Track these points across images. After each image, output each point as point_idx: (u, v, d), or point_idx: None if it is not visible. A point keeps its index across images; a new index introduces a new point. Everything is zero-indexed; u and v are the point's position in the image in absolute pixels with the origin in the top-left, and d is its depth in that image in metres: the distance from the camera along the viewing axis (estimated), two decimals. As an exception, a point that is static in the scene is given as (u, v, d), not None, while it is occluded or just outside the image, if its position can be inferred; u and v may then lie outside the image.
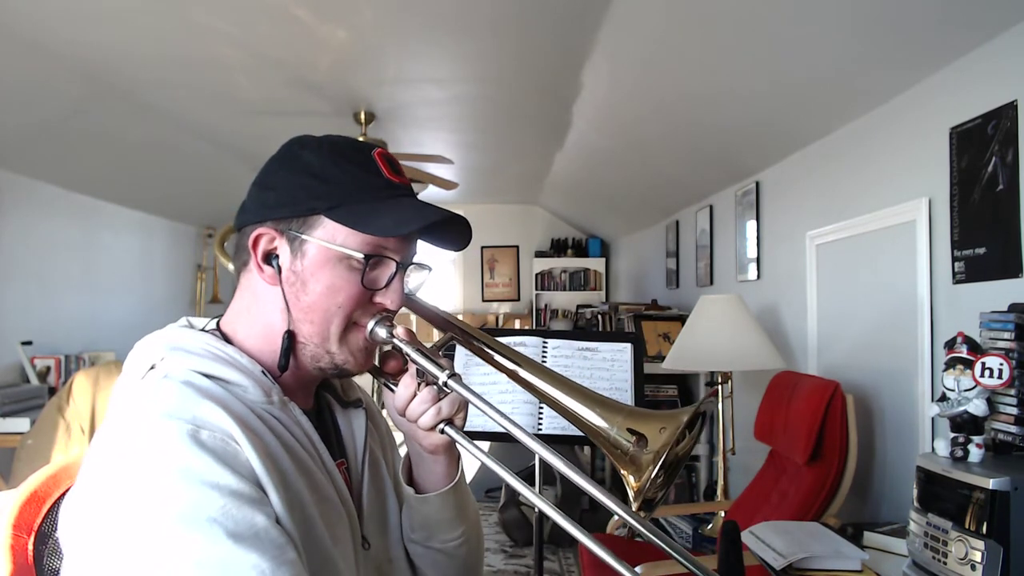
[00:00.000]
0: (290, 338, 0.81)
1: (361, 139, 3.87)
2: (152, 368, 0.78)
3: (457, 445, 0.89)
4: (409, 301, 0.88)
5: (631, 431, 0.79)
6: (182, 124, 4.05)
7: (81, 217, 4.67)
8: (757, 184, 3.53)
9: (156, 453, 0.66)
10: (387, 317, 0.84)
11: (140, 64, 3.07)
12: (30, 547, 0.78)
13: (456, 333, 0.92)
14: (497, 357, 0.89)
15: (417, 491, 0.92)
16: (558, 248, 7.58)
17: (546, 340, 2.25)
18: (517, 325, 7.49)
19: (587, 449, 4.52)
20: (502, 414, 0.79)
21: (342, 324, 0.81)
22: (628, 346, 2.17)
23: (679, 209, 4.91)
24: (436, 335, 0.97)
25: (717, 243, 4.18)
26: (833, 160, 2.79)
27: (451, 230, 0.86)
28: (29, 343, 4.01)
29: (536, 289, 7.48)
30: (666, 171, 4.30)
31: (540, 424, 2.44)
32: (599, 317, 5.62)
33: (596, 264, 7.52)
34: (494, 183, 6.51)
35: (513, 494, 3.94)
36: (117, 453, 0.68)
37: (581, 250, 7.58)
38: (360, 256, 0.79)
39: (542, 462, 0.81)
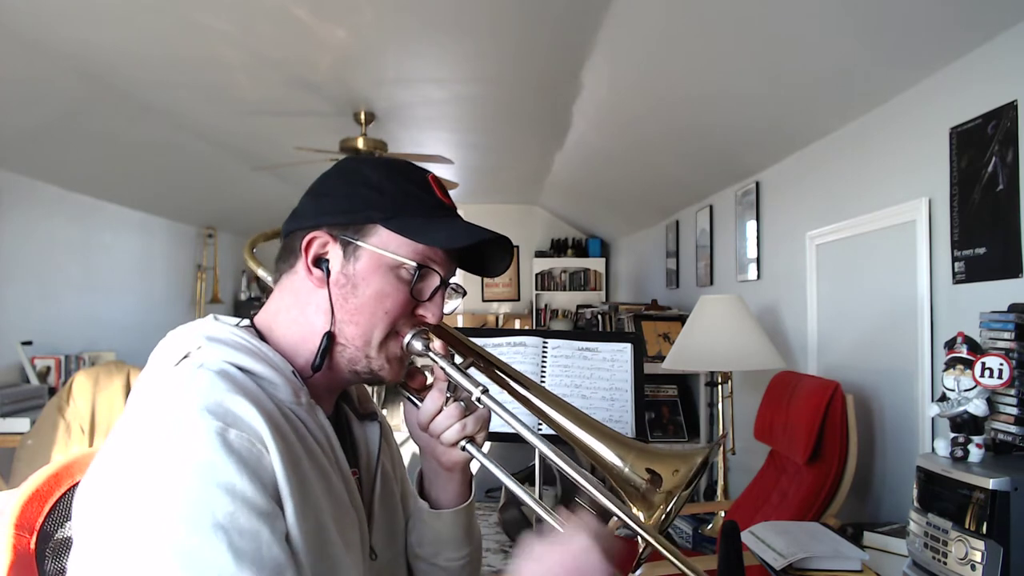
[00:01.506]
0: (329, 339, 0.82)
1: (361, 139, 3.82)
2: (186, 356, 0.78)
3: (471, 466, 0.93)
4: (438, 329, 0.92)
5: (648, 470, 0.83)
6: (182, 124, 4.05)
7: (81, 217, 4.67)
8: (757, 184, 3.53)
9: (182, 447, 0.67)
10: (424, 331, 0.87)
11: (140, 64, 3.07)
12: (32, 546, 0.77)
13: (478, 360, 0.95)
14: (515, 386, 0.93)
15: (431, 507, 0.95)
16: (558, 248, 7.58)
17: (546, 340, 2.24)
18: (517, 325, 7.49)
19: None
20: (531, 430, 0.82)
21: (385, 330, 0.83)
22: (628, 346, 2.17)
23: (679, 209, 4.91)
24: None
25: (717, 243, 4.18)
26: (833, 160, 2.79)
27: (491, 256, 0.91)
28: (29, 343, 4.01)
29: (536, 289, 7.49)
30: (666, 171, 4.30)
31: (540, 425, 2.44)
32: (599, 317, 5.62)
33: (596, 264, 7.52)
34: (494, 183, 6.51)
35: (514, 494, 3.94)
36: (146, 439, 0.68)
37: (581, 250, 7.58)
38: (412, 264, 0.82)
39: (542, 463, 0.83)
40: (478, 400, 0.85)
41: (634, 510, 0.82)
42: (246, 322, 0.87)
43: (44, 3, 2.45)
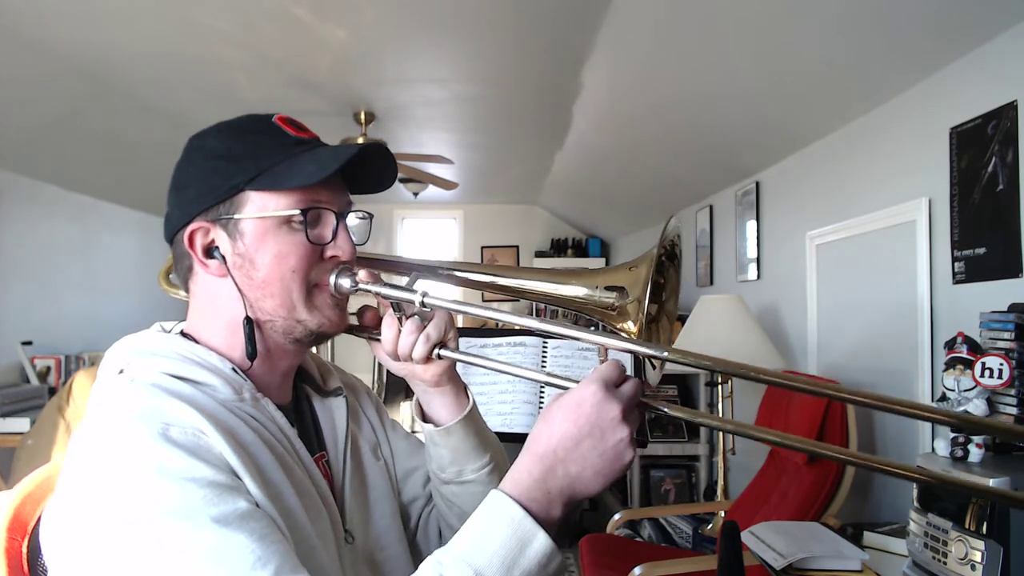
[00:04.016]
0: (250, 324, 0.80)
1: (361, 139, 3.81)
2: (121, 372, 0.78)
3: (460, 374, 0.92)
4: (363, 260, 0.88)
5: (609, 288, 0.82)
6: (182, 124, 4.03)
7: (81, 217, 4.67)
8: (757, 184, 3.53)
9: (129, 456, 0.66)
10: (346, 267, 0.83)
11: (140, 64, 3.07)
12: (24, 550, 0.77)
13: (419, 270, 0.92)
14: (471, 276, 0.90)
15: (435, 427, 0.92)
16: (558, 248, 7.58)
17: (546, 340, 2.25)
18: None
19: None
20: (488, 308, 0.84)
21: (303, 288, 0.80)
22: (628, 346, 2.16)
23: (679, 209, 4.91)
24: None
25: (717, 243, 4.18)
26: (833, 160, 2.78)
27: (376, 171, 0.86)
28: (29, 343, 4.01)
29: (536, 289, 7.47)
30: (666, 171, 4.30)
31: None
32: (599, 317, 5.62)
33: (596, 264, 7.51)
34: (494, 183, 6.51)
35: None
36: (91, 461, 0.67)
37: (581, 250, 7.57)
38: (297, 212, 0.78)
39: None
40: (423, 305, 0.82)
41: (620, 327, 0.80)
42: (179, 328, 0.85)
43: (44, 3, 2.45)
